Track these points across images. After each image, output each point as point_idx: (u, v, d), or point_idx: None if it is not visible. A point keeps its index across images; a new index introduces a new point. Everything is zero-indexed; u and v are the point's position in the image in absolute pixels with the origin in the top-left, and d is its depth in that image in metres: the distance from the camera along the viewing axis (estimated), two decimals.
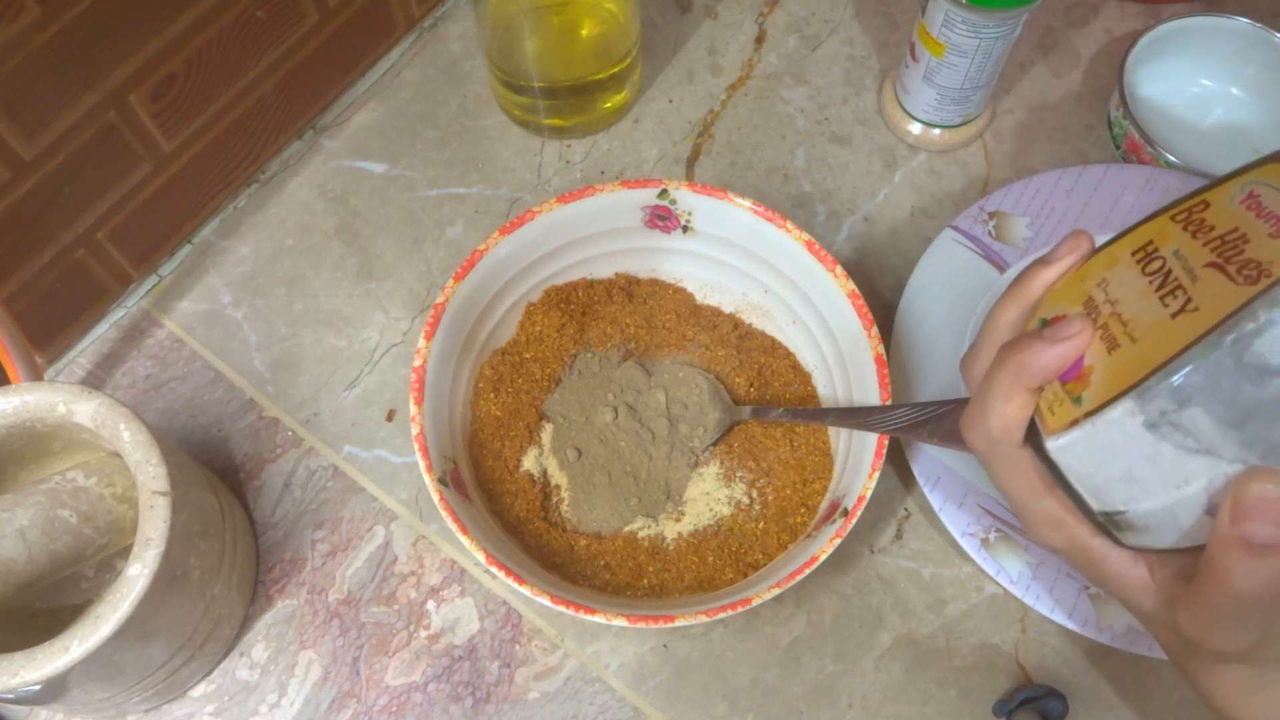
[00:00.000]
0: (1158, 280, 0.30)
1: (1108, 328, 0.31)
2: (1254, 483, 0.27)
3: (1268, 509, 0.27)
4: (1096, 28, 0.70)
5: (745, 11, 0.71)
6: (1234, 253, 0.28)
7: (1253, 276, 0.27)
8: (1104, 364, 0.30)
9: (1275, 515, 0.27)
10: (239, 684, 0.53)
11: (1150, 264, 0.31)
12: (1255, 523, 0.27)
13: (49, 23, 0.47)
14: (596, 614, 0.45)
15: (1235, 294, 0.27)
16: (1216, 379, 0.27)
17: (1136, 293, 0.30)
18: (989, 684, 0.52)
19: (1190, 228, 0.30)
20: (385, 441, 0.58)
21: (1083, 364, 0.31)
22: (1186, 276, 0.29)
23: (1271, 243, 0.27)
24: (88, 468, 0.47)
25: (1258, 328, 0.26)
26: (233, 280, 0.62)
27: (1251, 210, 0.29)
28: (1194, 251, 0.29)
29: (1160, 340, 0.28)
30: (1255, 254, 0.27)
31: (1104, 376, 0.30)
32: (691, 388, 0.55)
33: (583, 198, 0.53)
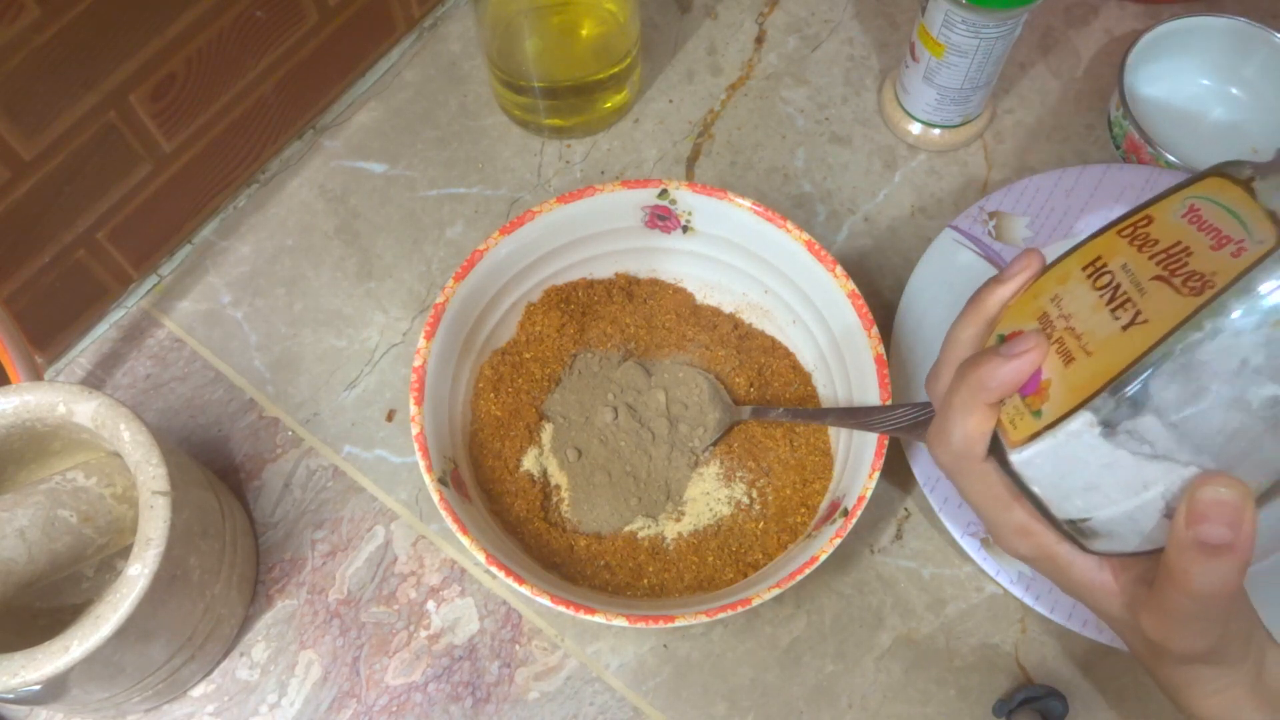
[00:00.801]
0: (1108, 294, 0.31)
1: (1063, 342, 0.32)
2: (1207, 487, 0.28)
3: (1221, 512, 0.28)
4: (1096, 28, 0.70)
5: (745, 11, 0.71)
6: (1178, 265, 0.29)
7: (1197, 287, 0.28)
8: (1061, 377, 0.31)
9: (1228, 518, 0.28)
10: (239, 684, 0.53)
11: (1100, 278, 0.32)
12: (1209, 525, 0.28)
13: (49, 23, 0.47)
14: (596, 614, 0.45)
15: (1182, 305, 0.28)
16: (1168, 387, 0.28)
17: (1089, 307, 0.31)
18: (989, 684, 0.52)
19: (1136, 242, 0.32)
20: (385, 441, 0.58)
21: (1040, 378, 0.32)
22: (1135, 289, 0.30)
23: (1213, 254, 0.28)
24: (88, 468, 0.47)
25: (1203, 336, 0.27)
26: (233, 280, 0.62)
27: (1193, 224, 0.30)
28: (1141, 265, 0.31)
29: (1113, 352, 0.29)
30: (1198, 266, 0.29)
31: (1062, 389, 0.31)
32: (691, 388, 0.55)
33: (583, 198, 0.53)
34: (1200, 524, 0.28)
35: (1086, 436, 0.29)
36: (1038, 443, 0.30)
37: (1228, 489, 0.28)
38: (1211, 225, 0.29)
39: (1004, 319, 0.35)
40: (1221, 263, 0.28)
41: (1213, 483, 0.28)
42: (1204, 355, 0.27)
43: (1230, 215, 0.29)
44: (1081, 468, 0.30)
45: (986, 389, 0.33)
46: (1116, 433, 0.29)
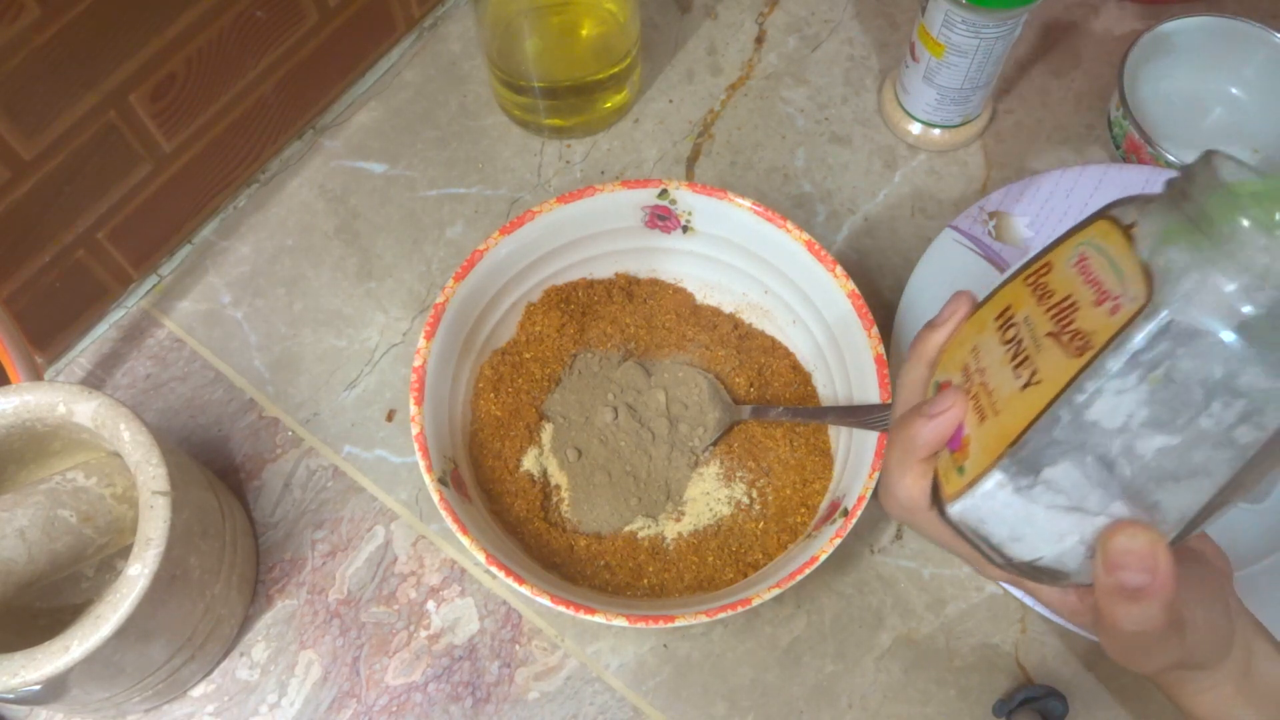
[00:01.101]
0: (1013, 349, 0.32)
1: (978, 399, 0.33)
2: (1116, 537, 0.29)
3: (1132, 560, 0.29)
4: (1096, 28, 0.70)
5: (745, 11, 0.71)
6: (1067, 322, 0.30)
7: (1080, 347, 0.29)
8: (978, 435, 0.32)
9: (1140, 564, 0.29)
10: (239, 684, 0.53)
11: (1007, 331, 0.33)
12: (1125, 572, 0.29)
13: (49, 23, 0.47)
14: (596, 614, 0.45)
15: (1068, 366, 0.29)
16: (1064, 446, 0.29)
17: (998, 361, 0.32)
18: (989, 684, 0.52)
19: (1037, 292, 0.32)
20: (385, 441, 0.58)
21: (963, 434, 0.33)
22: (1033, 346, 0.31)
23: (1095, 311, 0.29)
24: (88, 468, 0.47)
25: (1087, 398, 0.28)
26: (233, 280, 0.62)
27: (1081, 274, 0.30)
28: (1038, 319, 0.31)
29: (1015, 414, 0.30)
30: (1083, 323, 0.29)
31: (978, 448, 0.32)
32: (691, 388, 0.55)
33: (583, 198, 0.53)
34: (1116, 571, 0.29)
35: (1000, 495, 0.31)
36: (963, 499, 0.32)
37: (1136, 536, 0.29)
38: (1095, 278, 0.30)
39: (940, 365, 0.36)
40: (1101, 321, 0.28)
41: (1121, 532, 0.29)
42: (1091, 415, 0.28)
43: (1111, 267, 0.29)
44: (1004, 522, 0.31)
45: (914, 448, 0.34)
46: (1025, 491, 0.30)
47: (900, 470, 0.35)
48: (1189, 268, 0.27)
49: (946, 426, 0.33)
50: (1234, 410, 0.27)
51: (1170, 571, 0.29)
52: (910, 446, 0.34)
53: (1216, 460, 0.28)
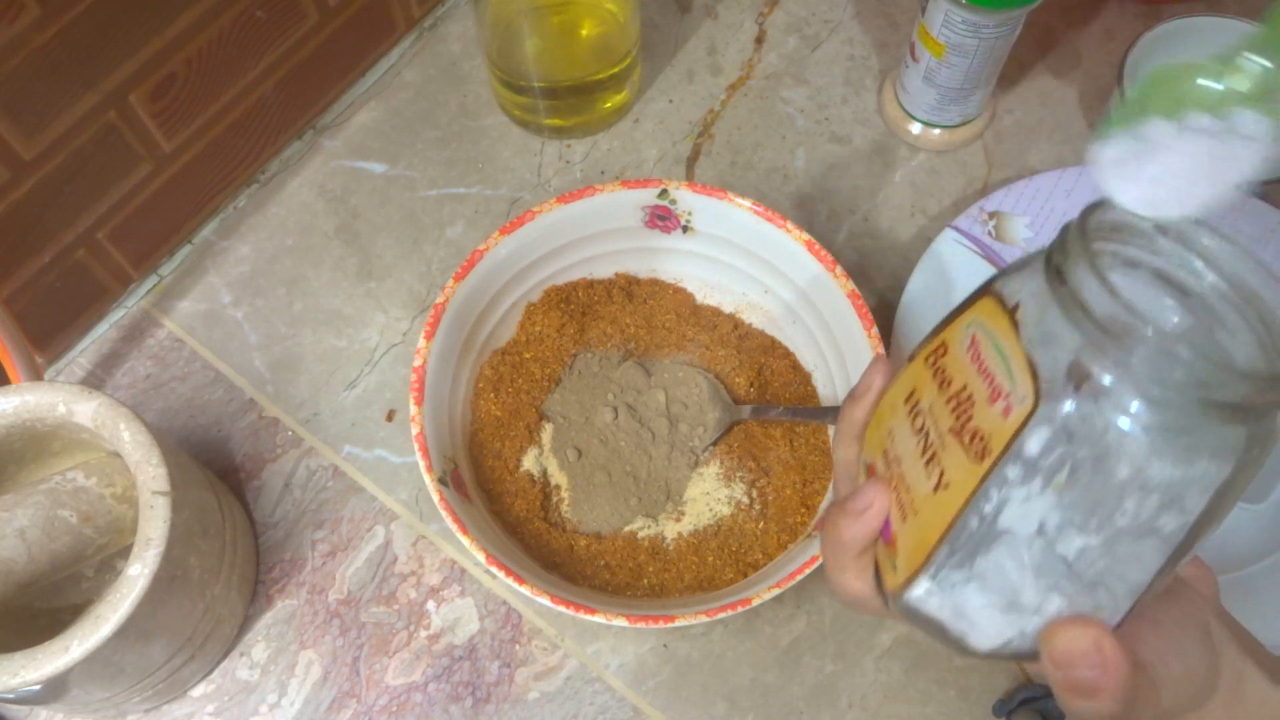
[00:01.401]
0: (921, 441, 0.30)
1: (899, 492, 0.31)
2: (1056, 638, 0.28)
3: (1077, 658, 0.28)
4: (1096, 28, 0.70)
5: (745, 11, 0.71)
6: (966, 419, 0.28)
7: (980, 451, 0.27)
8: (903, 534, 0.31)
9: (1087, 661, 0.28)
10: (239, 684, 0.53)
11: (916, 419, 0.31)
12: (1073, 670, 0.28)
13: (49, 23, 0.47)
14: (596, 614, 0.45)
15: (971, 471, 0.27)
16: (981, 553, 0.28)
17: (911, 453, 0.31)
18: (989, 684, 0.52)
19: (937, 378, 0.31)
20: (385, 441, 0.58)
21: (891, 529, 0.32)
22: (939, 442, 0.29)
23: (989, 410, 0.27)
24: (88, 468, 0.47)
25: (994, 508, 0.27)
26: (233, 280, 0.62)
27: (974, 363, 0.29)
28: (940, 411, 0.30)
29: (932, 518, 0.29)
30: (980, 422, 0.28)
31: (904, 549, 0.30)
32: (691, 388, 0.55)
33: (583, 198, 0.53)
34: (1063, 670, 0.28)
35: (933, 600, 0.29)
36: (902, 597, 0.30)
37: (1077, 637, 0.28)
38: (987, 369, 0.28)
39: (865, 441, 0.35)
40: (996, 422, 0.27)
41: (1061, 632, 0.28)
42: (1002, 523, 0.27)
43: (1000, 358, 0.28)
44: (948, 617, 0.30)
45: (845, 546, 0.33)
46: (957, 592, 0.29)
47: (838, 568, 0.34)
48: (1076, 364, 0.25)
49: (872, 525, 0.32)
50: (1150, 504, 0.26)
51: (1119, 661, 0.27)
52: (841, 545, 0.33)
53: (1145, 548, 0.27)
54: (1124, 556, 0.27)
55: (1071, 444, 0.25)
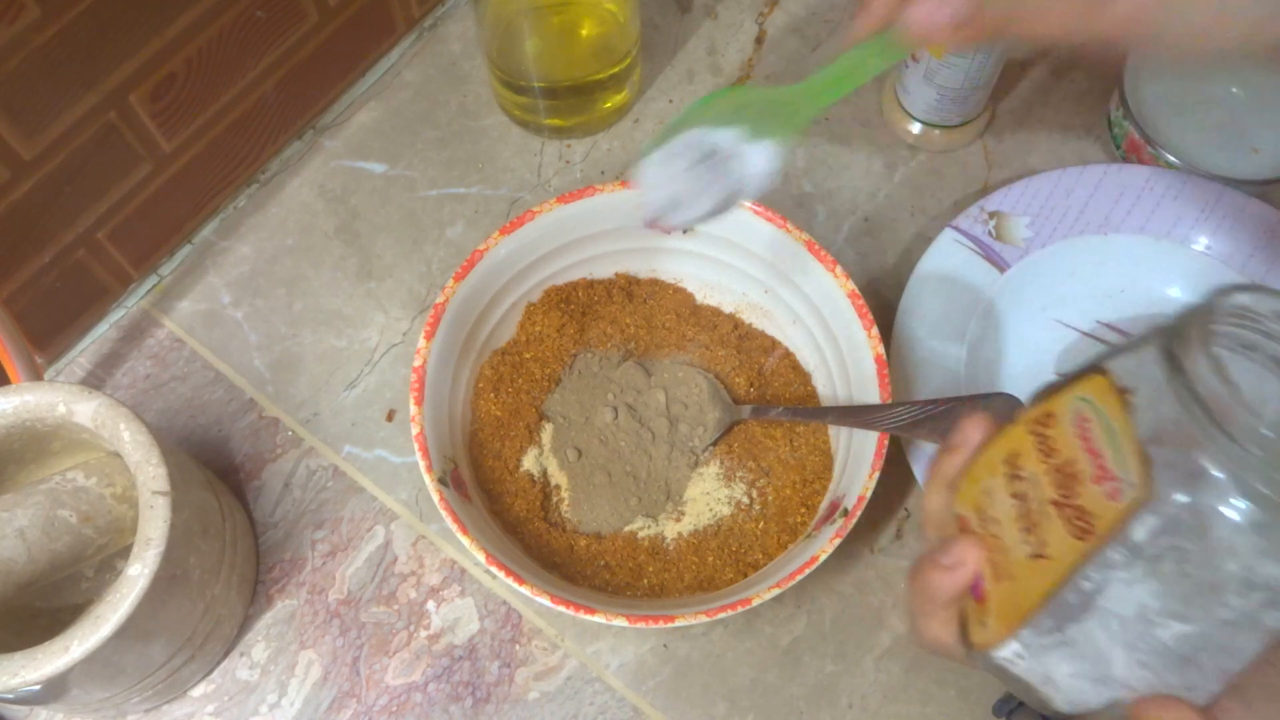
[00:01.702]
0: (1021, 507, 0.30)
1: (993, 552, 0.31)
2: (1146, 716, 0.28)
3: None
4: None
5: (745, 11, 0.71)
6: (1069, 494, 0.29)
7: (1083, 529, 0.27)
8: (994, 594, 0.31)
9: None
10: (239, 684, 0.53)
11: (1015, 483, 0.31)
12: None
13: (49, 23, 0.47)
14: (596, 614, 0.45)
15: (1072, 548, 0.28)
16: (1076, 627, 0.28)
17: (1008, 516, 0.31)
18: (989, 684, 0.52)
19: (1041, 447, 0.31)
20: (385, 441, 0.58)
21: (982, 584, 0.32)
22: (1039, 511, 0.29)
23: (1096, 489, 0.27)
24: (88, 468, 0.47)
25: (1094, 587, 0.27)
26: (233, 280, 0.62)
27: (1081, 439, 0.29)
28: (1043, 480, 0.30)
29: (1027, 585, 0.29)
30: (1085, 501, 0.28)
31: (995, 610, 0.31)
32: (691, 388, 0.55)
33: (583, 198, 0.53)
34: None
35: (1023, 663, 0.29)
36: (989, 654, 0.30)
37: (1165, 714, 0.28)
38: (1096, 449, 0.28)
39: (958, 493, 0.35)
40: (1102, 504, 0.27)
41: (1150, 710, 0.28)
42: (1101, 602, 0.27)
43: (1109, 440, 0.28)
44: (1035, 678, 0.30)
45: (933, 597, 0.33)
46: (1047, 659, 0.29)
47: (924, 616, 0.34)
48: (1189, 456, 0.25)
49: (963, 581, 0.32)
50: (1254, 600, 0.26)
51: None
52: (929, 595, 0.33)
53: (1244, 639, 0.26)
54: (1222, 644, 0.27)
55: (1179, 535, 0.25)
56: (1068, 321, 0.59)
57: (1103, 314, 0.59)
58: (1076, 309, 0.59)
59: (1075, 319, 0.59)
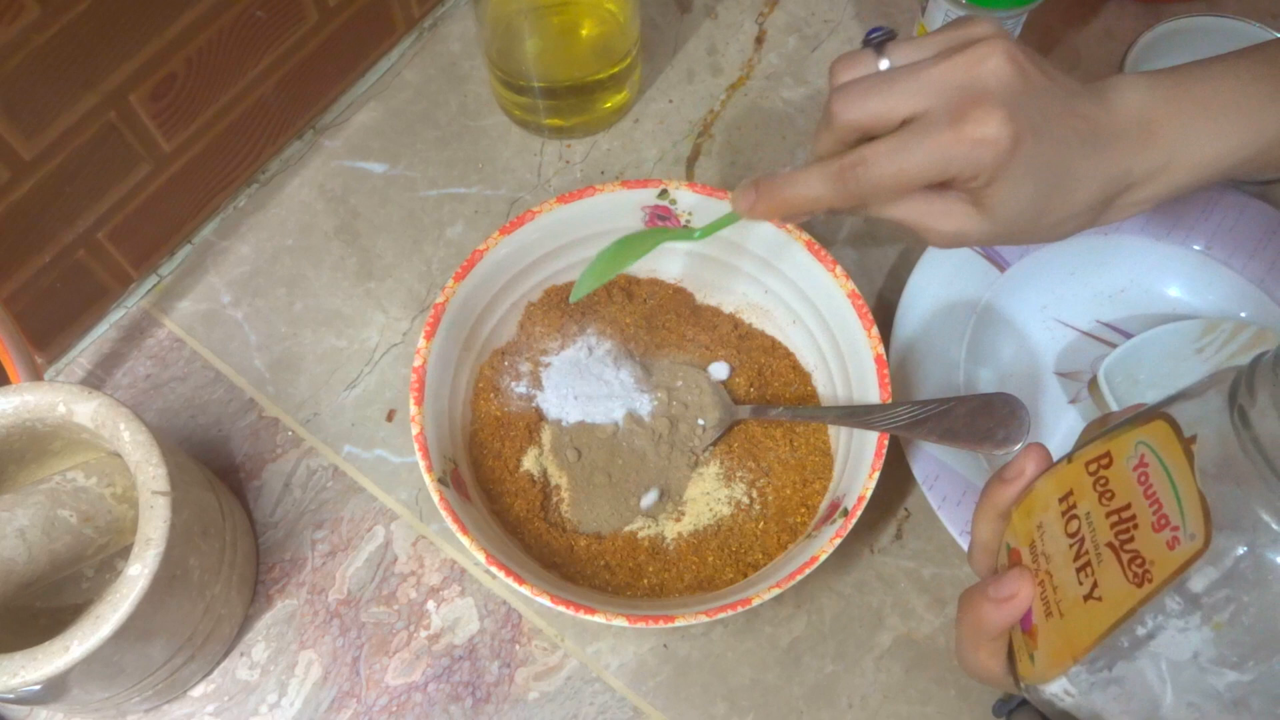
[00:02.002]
0: (1076, 546, 0.31)
1: (1044, 587, 0.32)
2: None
3: None
4: (1096, 28, 0.70)
5: (745, 11, 0.71)
6: (1127, 538, 0.29)
7: (1139, 575, 0.28)
8: (1044, 629, 0.31)
9: None
10: (239, 684, 0.53)
11: (1070, 522, 0.31)
12: None
13: (49, 23, 0.47)
14: (596, 614, 0.45)
15: (1128, 592, 0.28)
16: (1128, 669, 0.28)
17: (1061, 554, 0.31)
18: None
19: (1098, 487, 0.31)
20: (385, 441, 0.58)
21: (1032, 620, 0.32)
22: (1094, 553, 0.30)
23: (1154, 537, 0.28)
24: (88, 468, 0.47)
25: (1149, 632, 0.27)
26: (233, 280, 0.62)
27: (1141, 483, 0.29)
28: (1099, 522, 0.30)
29: (1079, 625, 0.29)
30: (1142, 547, 0.28)
31: (1045, 647, 0.31)
32: (691, 388, 0.55)
33: (583, 198, 0.53)
34: None
35: (1070, 699, 0.30)
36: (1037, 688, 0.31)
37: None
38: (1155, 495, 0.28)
39: (1011, 524, 0.35)
40: (1160, 552, 0.27)
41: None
42: (1155, 647, 0.27)
43: (1170, 488, 0.28)
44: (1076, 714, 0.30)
45: (983, 630, 0.34)
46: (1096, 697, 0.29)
47: (972, 646, 0.35)
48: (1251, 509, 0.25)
49: (1014, 615, 0.33)
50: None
51: None
52: (979, 626, 0.34)
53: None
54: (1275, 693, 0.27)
55: (1238, 588, 0.25)
56: (1068, 321, 0.59)
57: (1103, 314, 0.59)
58: (1076, 309, 0.59)
59: (1075, 319, 0.59)
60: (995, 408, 0.48)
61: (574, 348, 0.56)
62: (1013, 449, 0.47)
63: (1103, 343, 0.59)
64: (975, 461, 0.53)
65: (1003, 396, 0.48)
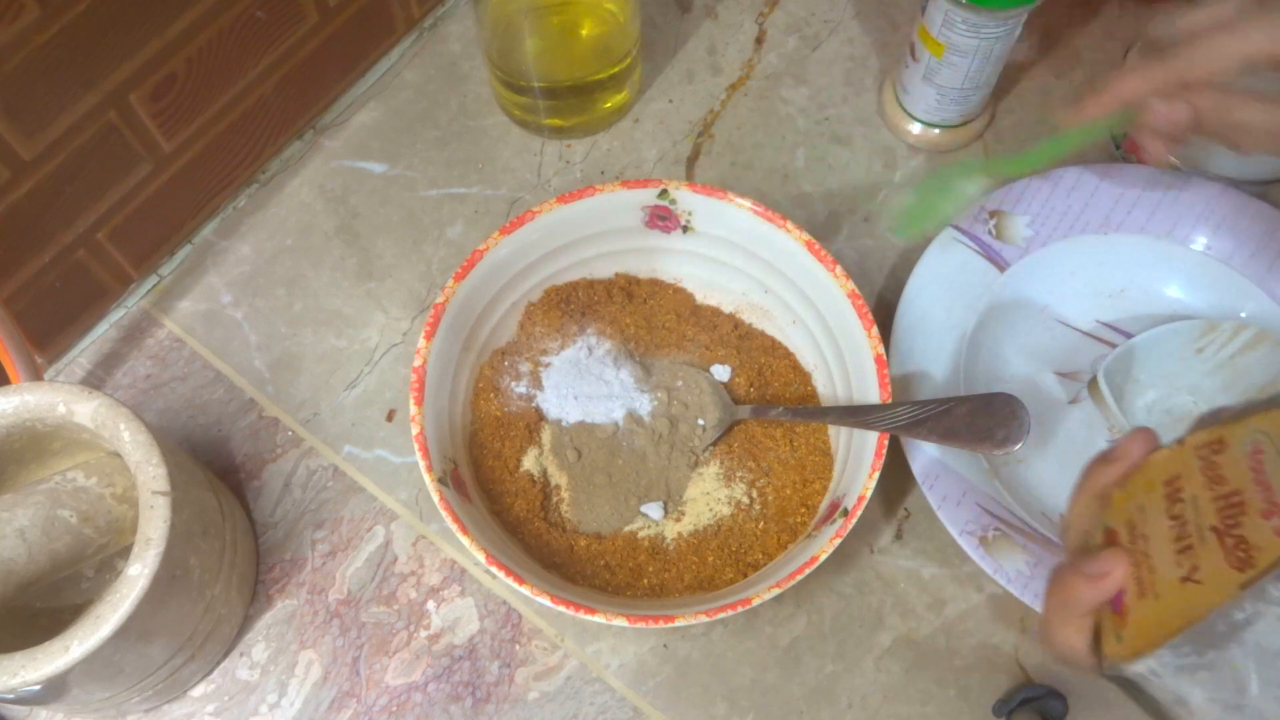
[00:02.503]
0: (1177, 528, 0.31)
1: (1139, 567, 0.32)
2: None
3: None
4: (1096, 28, 0.70)
5: (745, 11, 0.71)
6: (1232, 523, 0.29)
7: (1242, 560, 0.28)
8: (1136, 610, 0.32)
9: None
10: (239, 684, 0.53)
11: (1174, 505, 0.32)
12: None
13: (49, 23, 0.47)
14: (596, 614, 0.45)
15: (1228, 577, 0.28)
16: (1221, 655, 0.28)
17: (1161, 535, 0.32)
18: (989, 684, 0.52)
19: (1207, 472, 0.31)
20: (385, 441, 0.58)
21: (1123, 599, 0.32)
22: (1197, 535, 0.30)
23: (1262, 524, 0.28)
24: (88, 468, 0.47)
25: (1247, 619, 0.28)
26: (233, 280, 0.62)
27: (1253, 471, 0.30)
28: (1204, 505, 0.30)
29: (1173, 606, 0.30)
30: (1248, 532, 0.28)
31: (1135, 626, 0.31)
32: (691, 388, 0.55)
33: (583, 198, 0.53)
34: None
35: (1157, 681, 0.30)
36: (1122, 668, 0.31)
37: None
38: (1267, 482, 0.29)
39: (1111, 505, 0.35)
40: (1266, 537, 0.28)
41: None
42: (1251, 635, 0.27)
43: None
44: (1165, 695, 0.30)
45: (1073, 604, 0.34)
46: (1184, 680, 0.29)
47: (1059, 621, 0.35)
48: None
49: (1106, 592, 0.33)
50: None
51: None
52: (1069, 602, 0.34)
53: None
54: None
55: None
56: (1068, 321, 0.59)
57: (1103, 314, 0.59)
58: (1076, 309, 0.59)
59: (1075, 319, 0.59)
60: (995, 408, 0.48)
61: (574, 348, 0.56)
62: (1013, 449, 0.47)
63: (1103, 343, 0.59)
64: (975, 461, 0.53)
65: (1003, 396, 0.48)
